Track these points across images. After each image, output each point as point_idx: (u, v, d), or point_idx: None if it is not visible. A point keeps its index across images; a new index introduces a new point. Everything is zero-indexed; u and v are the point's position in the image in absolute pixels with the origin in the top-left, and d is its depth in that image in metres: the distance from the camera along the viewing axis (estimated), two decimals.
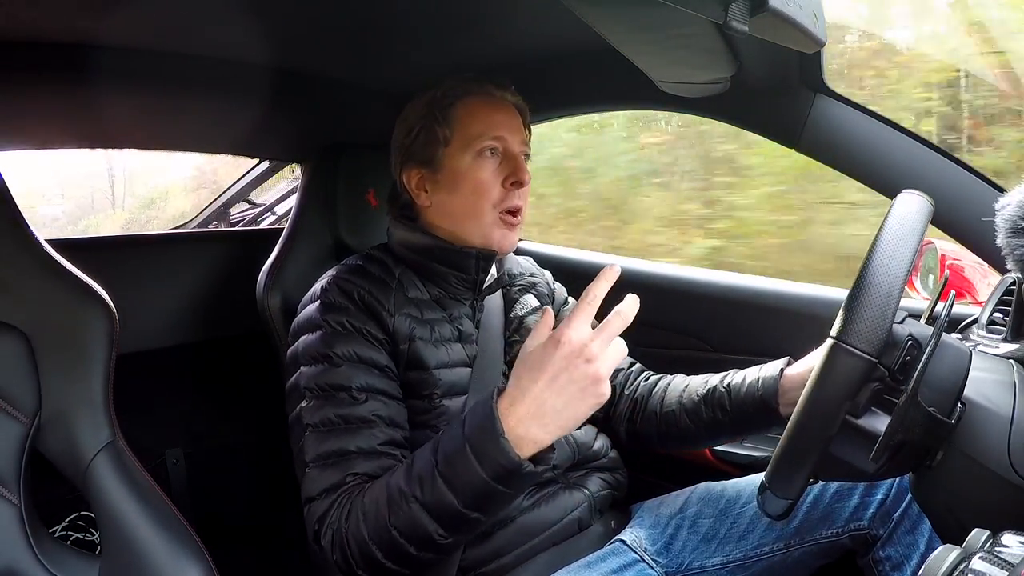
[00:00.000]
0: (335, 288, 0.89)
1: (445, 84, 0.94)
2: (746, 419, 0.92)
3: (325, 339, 0.85)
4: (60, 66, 0.97)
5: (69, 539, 0.96)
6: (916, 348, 0.61)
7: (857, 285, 0.58)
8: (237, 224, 1.94)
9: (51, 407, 0.78)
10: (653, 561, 0.93)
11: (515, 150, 0.93)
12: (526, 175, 0.92)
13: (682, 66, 0.87)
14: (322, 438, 0.81)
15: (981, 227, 0.85)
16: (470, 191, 0.92)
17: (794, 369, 0.89)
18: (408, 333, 0.88)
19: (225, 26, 0.95)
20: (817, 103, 0.98)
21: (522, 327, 1.01)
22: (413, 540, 0.72)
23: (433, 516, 0.71)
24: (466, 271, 0.94)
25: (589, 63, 1.15)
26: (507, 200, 0.92)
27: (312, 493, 0.80)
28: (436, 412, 0.88)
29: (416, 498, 0.71)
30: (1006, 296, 0.81)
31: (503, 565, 0.87)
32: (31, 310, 0.78)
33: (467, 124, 0.92)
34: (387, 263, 0.95)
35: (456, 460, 0.69)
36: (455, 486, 0.69)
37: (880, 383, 0.61)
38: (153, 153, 3.27)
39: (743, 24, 0.50)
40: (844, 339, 0.57)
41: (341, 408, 0.82)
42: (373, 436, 0.82)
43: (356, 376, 0.84)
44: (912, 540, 0.85)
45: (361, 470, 0.80)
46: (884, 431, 0.57)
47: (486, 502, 0.70)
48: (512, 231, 0.94)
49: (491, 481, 0.68)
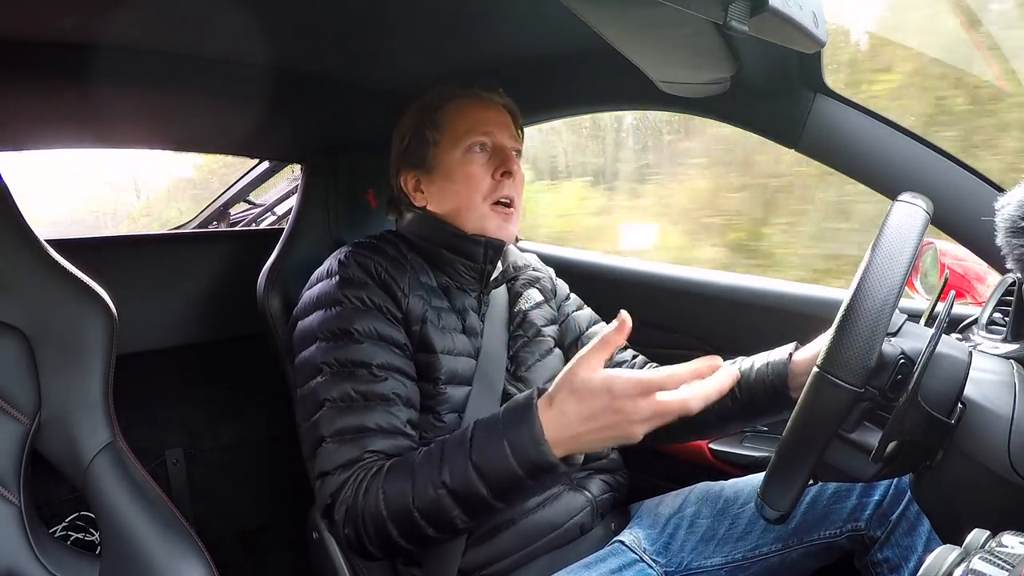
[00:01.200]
0: (354, 263, 0.89)
1: (434, 91, 0.98)
2: (756, 405, 0.92)
3: (345, 314, 0.85)
4: (60, 66, 0.97)
5: (69, 539, 0.96)
6: (908, 365, 0.59)
7: (844, 314, 0.57)
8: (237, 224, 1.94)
9: (51, 407, 0.78)
10: (652, 561, 0.93)
11: (504, 144, 0.95)
12: (515, 165, 0.95)
13: (682, 66, 0.87)
14: (340, 413, 0.81)
15: (981, 227, 0.85)
16: (462, 184, 0.94)
17: (802, 354, 0.89)
18: (421, 314, 0.89)
19: (225, 26, 0.95)
20: (817, 103, 0.98)
21: (525, 322, 1.02)
22: (433, 523, 0.74)
23: (458, 502, 0.73)
24: (474, 259, 0.95)
25: (588, 63, 1.15)
26: (497, 191, 0.94)
27: (327, 467, 0.80)
28: (440, 398, 0.89)
29: (444, 484, 0.72)
30: (1006, 296, 0.80)
31: (503, 568, 0.87)
32: (31, 310, 0.78)
33: (456, 123, 0.95)
34: (400, 246, 0.96)
35: (492, 454, 0.71)
36: (488, 478, 0.71)
37: (871, 402, 0.60)
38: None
39: (743, 24, 0.50)
40: (829, 370, 0.56)
41: (361, 384, 0.82)
42: (391, 414, 0.82)
43: (377, 354, 0.84)
44: (910, 542, 0.85)
45: (379, 448, 0.80)
46: (883, 433, 0.57)
47: (515, 494, 0.73)
48: (507, 220, 0.95)
49: (525, 477, 0.70)
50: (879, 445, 0.58)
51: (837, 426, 0.58)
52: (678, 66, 0.87)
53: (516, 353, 0.99)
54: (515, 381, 0.97)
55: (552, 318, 1.08)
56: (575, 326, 1.10)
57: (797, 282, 1.24)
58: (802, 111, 0.98)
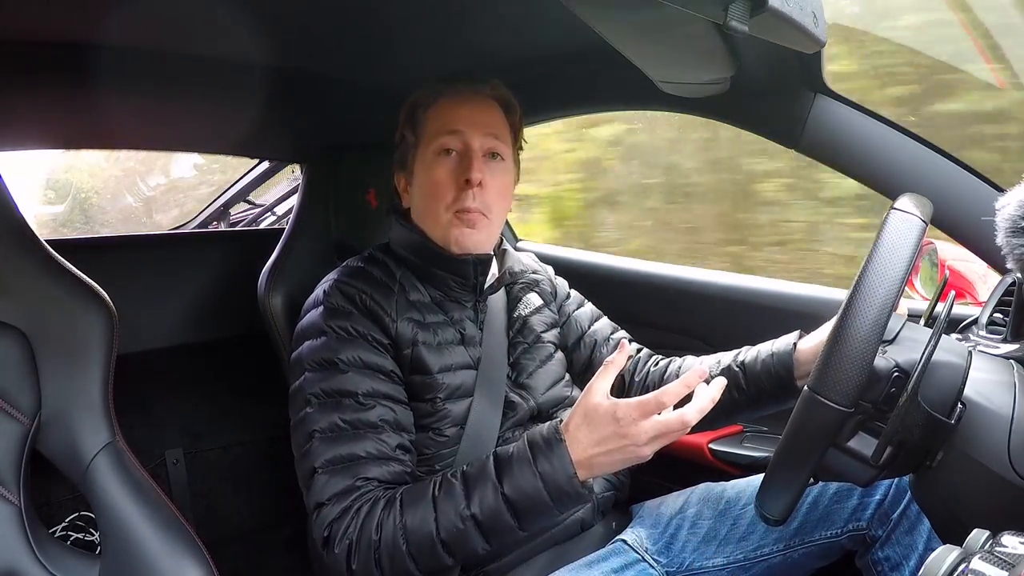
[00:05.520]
0: (337, 293, 0.89)
1: (421, 89, 0.96)
2: (763, 395, 0.92)
3: (329, 345, 0.85)
4: (60, 66, 0.97)
5: (69, 539, 0.96)
6: (902, 378, 0.59)
7: (835, 334, 0.56)
8: (237, 224, 1.94)
9: (51, 407, 0.78)
10: (654, 561, 0.93)
11: (474, 146, 0.91)
12: (475, 174, 0.89)
13: (682, 66, 0.87)
14: (330, 444, 0.81)
15: (981, 227, 0.85)
16: (428, 192, 0.93)
17: (807, 343, 0.89)
18: (411, 338, 0.88)
19: (225, 26, 0.95)
20: (817, 103, 0.98)
21: (525, 327, 1.01)
22: (455, 552, 0.76)
23: (484, 532, 0.75)
24: (465, 276, 0.94)
25: (589, 63, 1.15)
26: (459, 201, 0.90)
27: (322, 498, 0.80)
28: (439, 415, 0.88)
29: (473, 517, 0.75)
30: (1006, 296, 0.80)
31: (503, 564, 0.87)
32: (31, 310, 0.78)
33: (430, 124, 0.94)
34: (388, 265, 0.94)
35: (524, 485, 0.74)
36: (517, 508, 0.75)
37: (864, 415, 0.59)
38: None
39: (743, 24, 0.50)
40: (819, 391, 0.56)
41: (348, 414, 0.82)
42: (381, 441, 0.82)
43: (362, 382, 0.84)
44: (911, 541, 0.85)
45: (371, 474, 0.80)
46: (882, 434, 0.57)
47: (542, 520, 0.78)
48: (472, 228, 0.91)
49: (554, 506, 0.75)
50: (877, 448, 0.58)
51: (830, 443, 0.58)
52: (678, 66, 0.87)
53: (517, 360, 0.98)
54: (517, 388, 0.96)
55: (552, 322, 1.06)
56: (577, 325, 1.09)
57: (797, 282, 1.24)
58: (802, 111, 0.98)
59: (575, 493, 0.74)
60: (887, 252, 0.58)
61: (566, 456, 0.73)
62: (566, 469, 0.73)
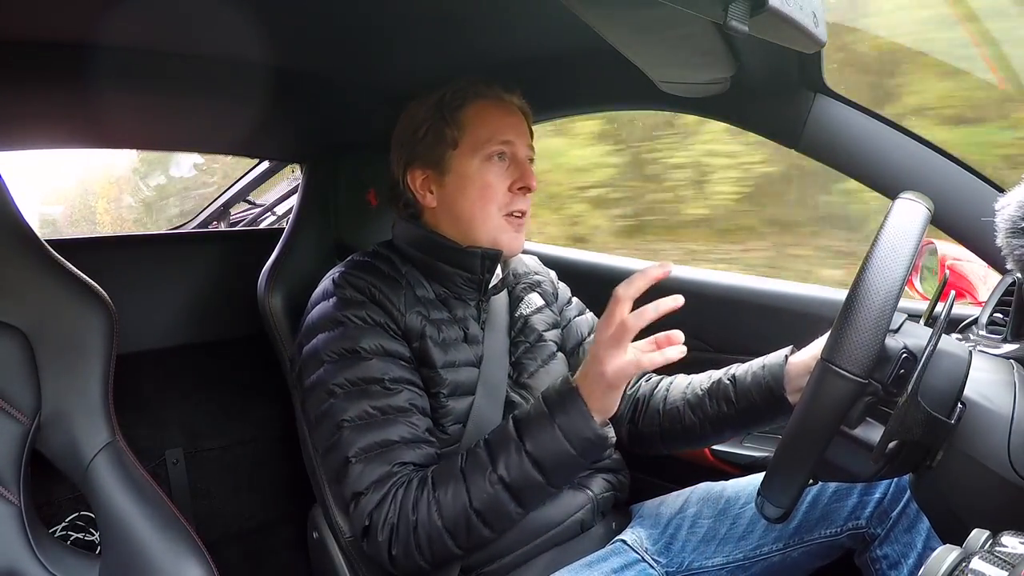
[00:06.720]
0: (347, 284, 0.89)
1: (455, 85, 0.94)
2: (753, 410, 0.92)
3: (349, 334, 0.85)
4: (60, 66, 0.97)
5: (69, 539, 0.96)
6: (911, 360, 0.60)
7: (848, 304, 0.57)
8: (237, 224, 1.94)
9: (51, 407, 0.78)
10: (654, 561, 0.93)
11: (522, 155, 0.94)
12: (533, 180, 0.93)
13: (682, 66, 0.87)
14: (362, 431, 0.82)
15: (981, 227, 0.85)
16: (477, 195, 0.92)
17: (799, 357, 0.89)
18: (420, 330, 0.89)
19: (225, 26, 0.95)
20: (817, 103, 0.98)
21: (527, 327, 1.01)
22: (491, 521, 0.79)
23: (514, 495, 0.78)
24: (472, 271, 0.94)
25: (589, 63, 1.15)
26: (513, 204, 0.93)
27: (359, 487, 0.80)
28: (442, 412, 0.89)
29: (502, 480, 0.77)
30: (1006, 296, 0.81)
31: (504, 565, 0.87)
32: (31, 310, 0.78)
33: (476, 127, 0.92)
34: (394, 261, 0.95)
35: (546, 440, 0.77)
36: (543, 464, 0.77)
37: (874, 396, 0.60)
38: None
39: (743, 24, 0.50)
40: (834, 361, 0.56)
41: (377, 400, 0.83)
42: (412, 424, 0.83)
43: (388, 368, 0.85)
44: (909, 539, 0.85)
45: (407, 459, 0.81)
46: (883, 432, 0.57)
47: (569, 473, 0.81)
48: (519, 232, 0.95)
49: (578, 455, 0.77)
50: (880, 443, 0.57)
51: (841, 419, 0.58)
52: (678, 66, 0.87)
53: (518, 359, 0.99)
54: (518, 388, 0.96)
55: (554, 322, 1.07)
56: (576, 332, 1.09)
57: (797, 282, 1.24)
58: (802, 111, 0.98)
59: (597, 437, 0.77)
60: (896, 230, 0.59)
61: (582, 404, 0.76)
62: (584, 416, 0.76)
